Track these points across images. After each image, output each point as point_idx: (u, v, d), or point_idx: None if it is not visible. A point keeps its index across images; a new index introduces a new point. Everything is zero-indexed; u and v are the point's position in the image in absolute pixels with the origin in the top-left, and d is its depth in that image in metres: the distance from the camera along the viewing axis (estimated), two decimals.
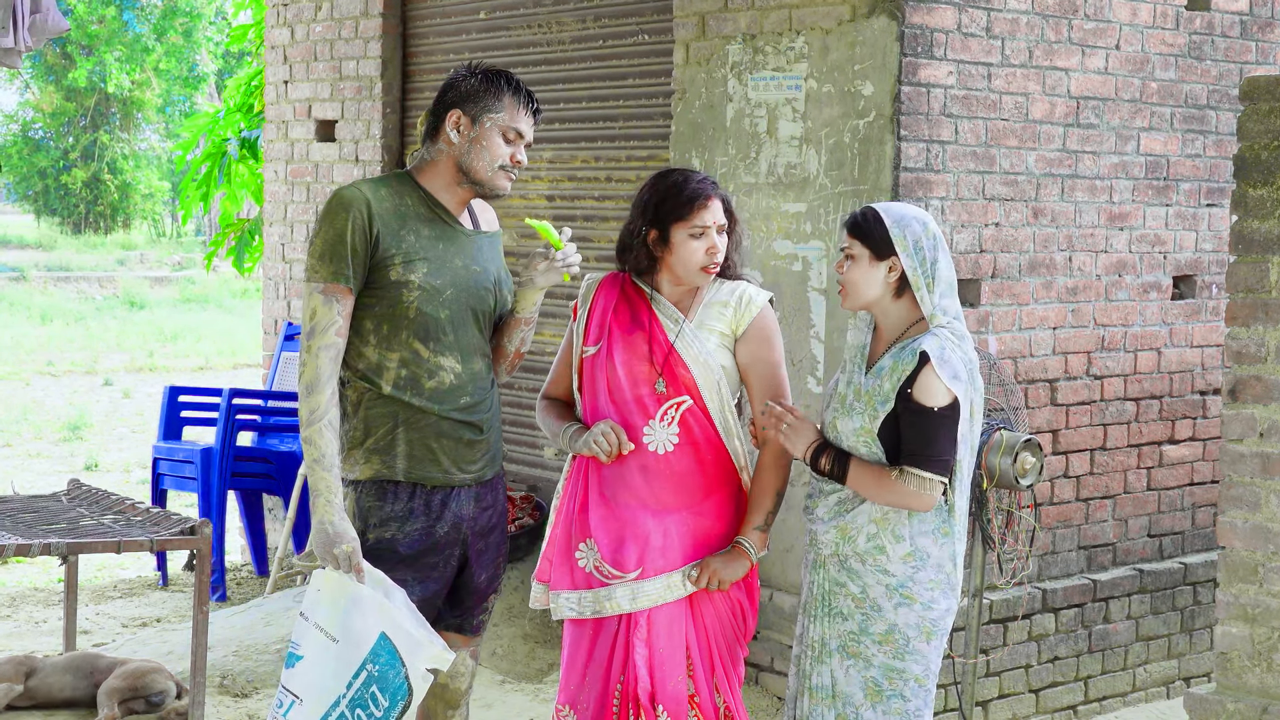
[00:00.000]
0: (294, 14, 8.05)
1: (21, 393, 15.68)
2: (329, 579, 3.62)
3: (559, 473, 6.72)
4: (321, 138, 7.91)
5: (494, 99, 3.73)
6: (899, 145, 5.30)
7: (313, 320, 3.64)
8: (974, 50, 5.47)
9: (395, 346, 3.71)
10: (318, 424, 3.59)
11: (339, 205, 3.67)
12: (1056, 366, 5.83)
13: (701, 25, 5.93)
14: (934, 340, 3.59)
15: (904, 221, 3.66)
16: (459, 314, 3.75)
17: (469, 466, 3.80)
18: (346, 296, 3.65)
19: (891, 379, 3.60)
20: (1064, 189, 5.81)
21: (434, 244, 3.73)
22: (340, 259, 3.63)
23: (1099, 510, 6.04)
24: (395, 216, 3.70)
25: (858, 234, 3.69)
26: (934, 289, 3.64)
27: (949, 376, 3.55)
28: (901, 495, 3.58)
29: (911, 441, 3.56)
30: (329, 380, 3.61)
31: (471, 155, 3.73)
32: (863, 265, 3.68)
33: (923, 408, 3.55)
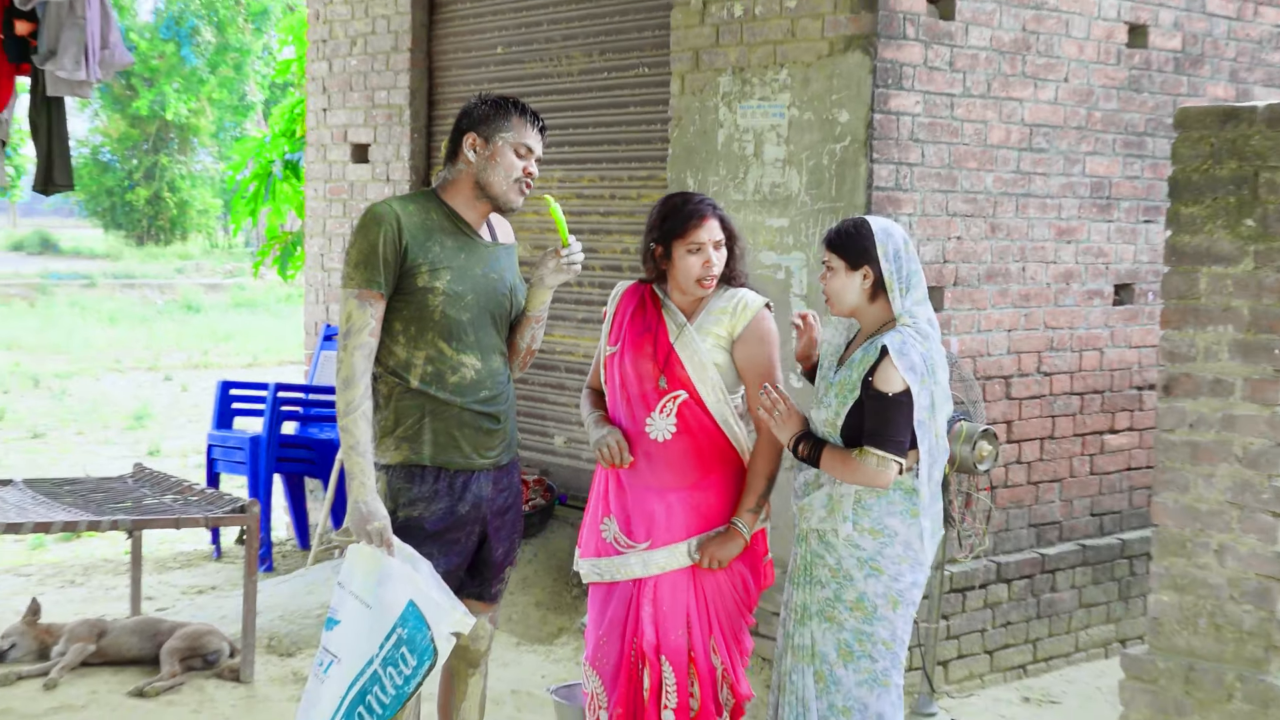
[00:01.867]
0: (332, 49, 8.04)
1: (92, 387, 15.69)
2: (363, 553, 3.62)
3: (568, 459, 6.73)
4: (356, 159, 7.90)
5: (504, 120, 3.75)
6: (871, 167, 5.30)
7: (348, 322, 3.64)
8: (938, 82, 5.46)
9: (422, 345, 3.71)
10: (353, 415, 3.59)
11: (372, 220, 3.68)
12: (1011, 365, 5.83)
13: (695, 59, 5.93)
14: (895, 336, 3.61)
15: (887, 231, 3.70)
16: (479, 316, 3.76)
17: (488, 453, 3.81)
18: (378, 301, 3.65)
19: (859, 370, 3.64)
20: (1018, 206, 5.80)
21: (456, 254, 3.74)
22: (373, 267, 3.64)
23: (1048, 492, 6.03)
24: (422, 230, 3.71)
25: (834, 248, 3.72)
26: (907, 294, 3.67)
27: (905, 368, 3.57)
28: (861, 473, 3.60)
29: (870, 424, 3.60)
30: (363, 376, 3.62)
31: (488, 171, 3.74)
32: (840, 275, 3.70)
33: (880, 393, 3.58)
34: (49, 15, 5.98)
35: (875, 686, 3.70)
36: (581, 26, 6.67)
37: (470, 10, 7.30)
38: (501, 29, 7.10)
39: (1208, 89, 6.43)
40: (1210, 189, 4.26)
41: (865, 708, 3.69)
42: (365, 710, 3.60)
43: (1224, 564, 4.21)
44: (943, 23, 5.45)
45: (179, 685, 5.40)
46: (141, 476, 6.37)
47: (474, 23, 7.27)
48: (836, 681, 3.70)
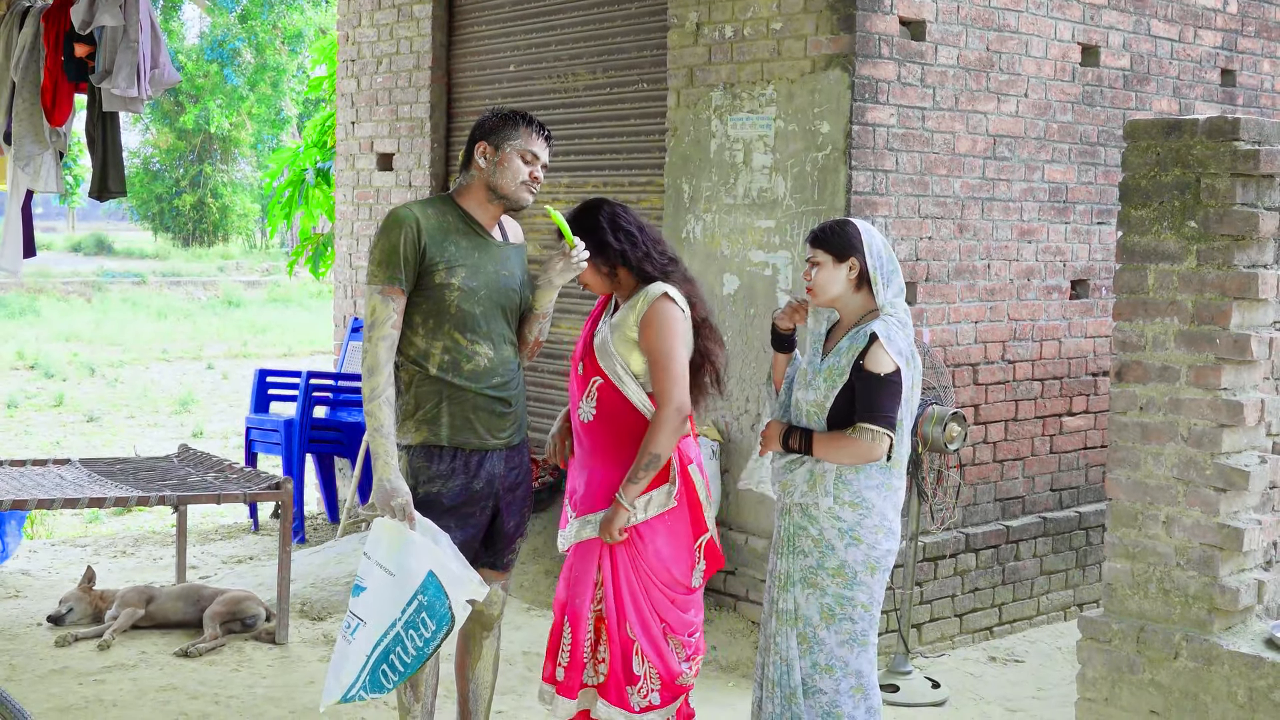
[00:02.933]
0: (360, 68, 8.02)
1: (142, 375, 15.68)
2: (387, 526, 3.61)
3: None
4: (381, 168, 7.88)
5: (511, 129, 3.76)
6: (850, 173, 5.28)
7: (373, 316, 3.64)
8: (911, 97, 5.44)
9: (440, 336, 3.71)
10: (377, 400, 3.59)
11: (394, 222, 3.68)
12: (978, 353, 5.81)
13: (690, 76, 5.91)
14: (882, 324, 3.63)
15: (869, 230, 3.71)
16: (491, 310, 3.75)
17: (500, 434, 3.80)
18: (400, 296, 3.65)
19: (848, 356, 3.63)
20: (984, 209, 5.78)
21: (471, 253, 3.74)
22: (395, 265, 3.64)
23: (1012, 470, 6.02)
24: (439, 231, 3.70)
25: (821, 244, 3.71)
26: (887, 287, 3.68)
27: (894, 352, 3.59)
28: (856, 448, 3.58)
29: (864, 403, 3.58)
30: (386, 364, 3.62)
31: (498, 176, 3.74)
32: (828, 268, 3.69)
33: (872, 374, 3.57)
34: (105, 39, 5.97)
35: (855, 646, 3.70)
36: (586, 46, 6.65)
37: (485, 32, 7.28)
38: (514, 49, 7.08)
39: (1154, 103, 6.41)
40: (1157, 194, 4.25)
41: (845, 664, 3.69)
42: (389, 668, 3.59)
43: (1171, 534, 4.20)
44: (914, 43, 5.43)
45: (220, 646, 5.40)
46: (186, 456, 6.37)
47: (489, 43, 7.25)
48: (819, 642, 3.69)
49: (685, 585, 3.83)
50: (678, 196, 6.00)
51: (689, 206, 5.94)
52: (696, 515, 3.85)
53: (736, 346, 5.74)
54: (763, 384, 4.76)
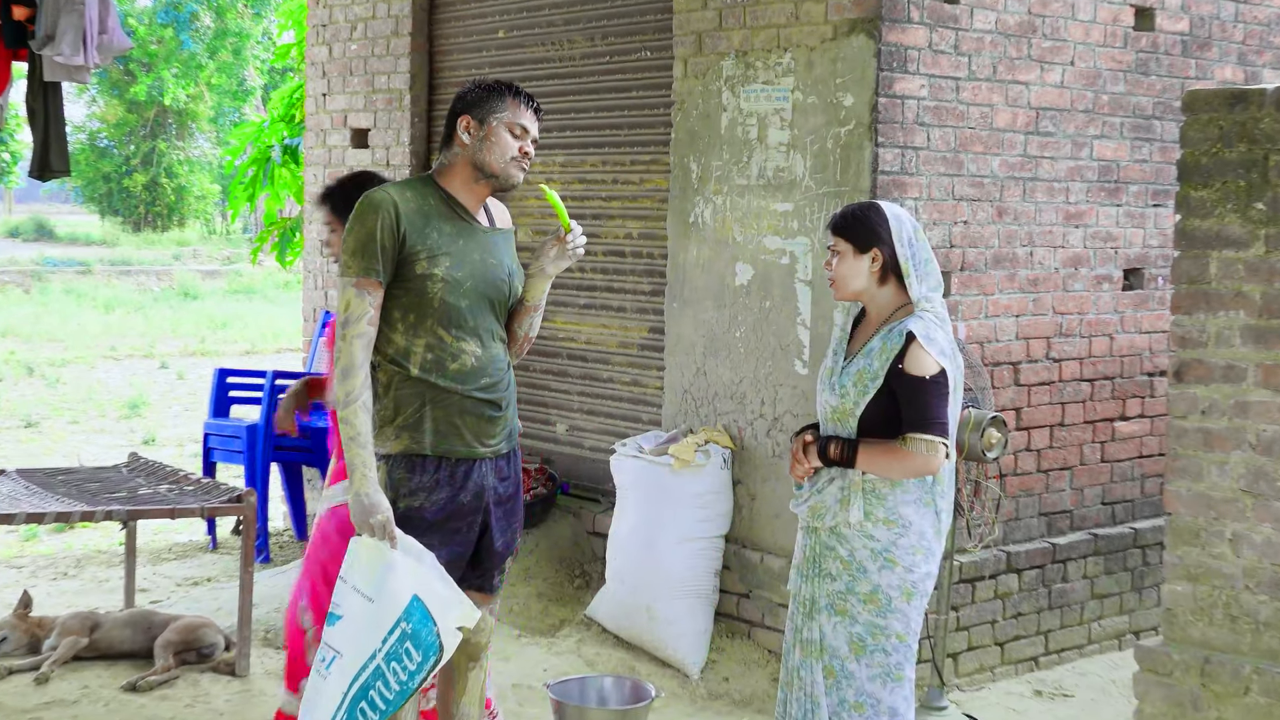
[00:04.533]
0: (331, 34, 8.01)
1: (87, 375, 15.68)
2: (365, 545, 3.60)
3: (571, 447, 6.72)
4: (356, 144, 7.88)
5: (497, 101, 3.75)
6: (876, 151, 5.27)
7: (347, 311, 3.63)
8: (944, 66, 5.43)
9: (421, 333, 3.70)
10: (353, 405, 3.58)
11: (369, 207, 3.66)
12: (1019, 351, 5.80)
13: (699, 43, 5.89)
14: (919, 322, 3.59)
15: (898, 215, 3.69)
16: (478, 303, 3.74)
17: (489, 441, 3.79)
18: (377, 289, 3.64)
19: (881, 358, 3.59)
20: (1025, 190, 5.77)
21: (455, 240, 3.72)
22: (371, 255, 3.63)
23: (1058, 480, 6.01)
24: (420, 216, 3.69)
25: (841, 232, 3.70)
26: (923, 280, 3.65)
27: (936, 352, 3.56)
28: (909, 462, 3.54)
29: (910, 410, 3.55)
30: (362, 365, 3.61)
31: (484, 152, 3.73)
32: (848, 259, 3.68)
33: (915, 378, 3.54)
34: (47, 0, 5.95)
35: (888, 680, 3.66)
36: (583, 10, 6.64)
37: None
38: (503, 13, 7.06)
39: (1216, 72, 6.39)
40: (1219, 172, 4.23)
41: (878, 702, 3.66)
42: (368, 706, 3.57)
43: (1239, 553, 4.18)
44: (947, 6, 5.42)
45: (173, 679, 5.38)
46: (136, 466, 6.35)
47: (475, 6, 7.24)
48: (848, 676, 3.66)
49: None
50: (684, 177, 5.98)
51: (697, 188, 5.93)
52: None
53: (750, 343, 5.73)
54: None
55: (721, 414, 5.87)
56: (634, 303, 6.42)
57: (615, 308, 6.51)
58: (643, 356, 6.39)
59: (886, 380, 3.57)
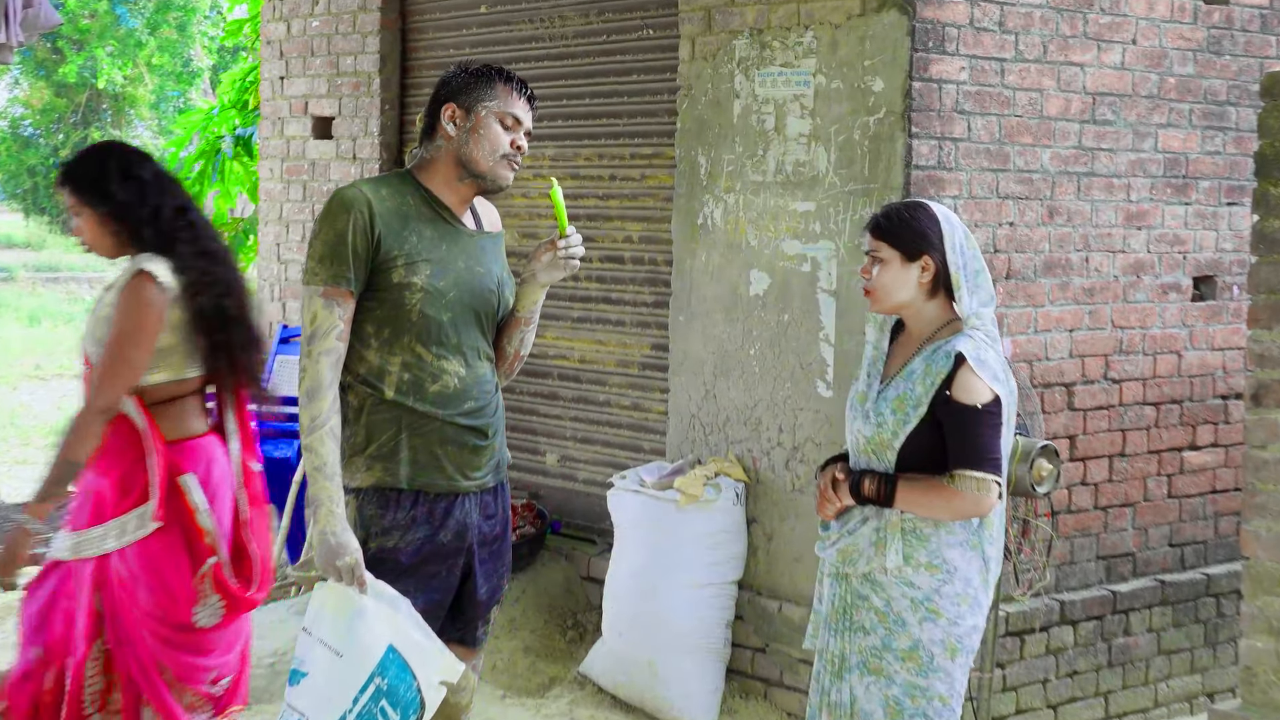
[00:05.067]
0: (290, 8, 8.05)
1: (8, 397, 15.68)
2: (331, 591, 3.60)
3: (562, 480, 6.74)
4: (318, 135, 7.91)
5: (486, 87, 3.76)
6: (910, 142, 5.30)
7: (313, 325, 3.64)
8: (987, 45, 5.46)
9: (397, 350, 3.71)
10: (319, 431, 3.59)
11: (339, 205, 3.68)
12: (1073, 370, 5.82)
13: (707, 20, 5.93)
14: (968, 341, 3.58)
15: (948, 219, 3.66)
16: (462, 316, 3.76)
17: (474, 473, 3.80)
18: (347, 300, 3.65)
19: (924, 382, 3.57)
20: (1080, 187, 5.80)
21: (437, 245, 3.74)
22: (341, 261, 3.64)
23: (1118, 519, 6.02)
24: (397, 217, 3.70)
25: (885, 236, 3.66)
26: (974, 294, 3.63)
27: (990, 376, 3.54)
28: (958, 503, 3.53)
29: (959, 444, 3.53)
30: (330, 386, 3.62)
31: (470, 146, 3.74)
32: (893, 268, 3.65)
33: (965, 407, 3.52)
34: None
35: None
36: None
37: None
38: None
39: None
40: None
41: None
42: None
43: None
44: None
45: None
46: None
47: None
48: None
49: (186, 624, 3.92)
50: (692, 172, 6.02)
51: (706, 185, 5.97)
52: (195, 539, 3.92)
53: (767, 361, 5.76)
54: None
55: (734, 442, 5.90)
56: (634, 315, 6.45)
57: (613, 321, 6.54)
58: (644, 377, 6.42)
59: (931, 407, 3.55)
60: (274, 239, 8.24)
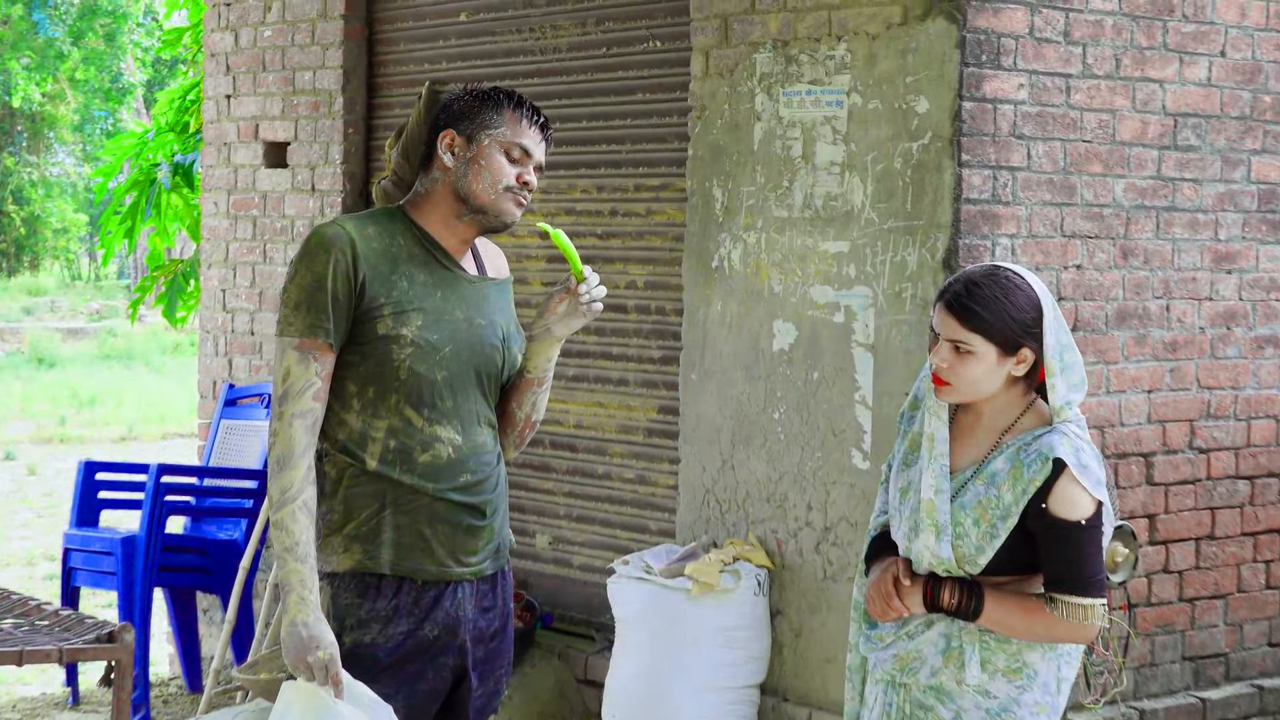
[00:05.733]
0: (238, 15, 8.10)
1: None
2: (300, 693, 3.59)
3: (554, 565, 6.75)
4: (271, 163, 7.95)
5: (491, 113, 3.79)
6: (960, 172, 5.36)
7: (285, 382, 3.64)
8: (1050, 59, 5.53)
9: (383, 413, 3.72)
10: (290, 505, 3.58)
11: (318, 245, 3.68)
12: (1153, 438, 5.85)
13: (724, 29, 6.00)
14: (1065, 441, 3.51)
15: (1044, 295, 3.56)
16: (459, 375, 3.76)
17: (469, 558, 3.79)
18: (326, 354, 3.66)
19: (1014, 489, 3.52)
20: (1159, 224, 5.85)
21: (431, 292, 3.75)
22: (319, 309, 3.65)
23: (1207, 613, 6.03)
24: (385, 259, 3.72)
25: (980, 328, 3.54)
26: (1066, 377, 3.56)
27: (1091, 483, 3.50)
28: (1057, 629, 3.52)
29: (1059, 565, 3.51)
30: (304, 453, 3.62)
31: (470, 178, 3.77)
32: (987, 362, 3.54)
33: (1067, 523, 3.48)
34: None
35: None
36: None
37: None
38: None
39: None
40: None
41: None
42: None
43: None
44: None
45: None
46: None
47: None
48: None
49: None
50: (706, 207, 6.08)
51: (722, 222, 6.02)
52: None
53: (793, 427, 5.79)
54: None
55: (755, 522, 5.92)
56: (639, 373, 6.49)
57: (614, 380, 6.58)
58: (650, 445, 6.45)
59: (1022, 518, 3.51)
60: (219, 284, 8.27)
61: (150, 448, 16.52)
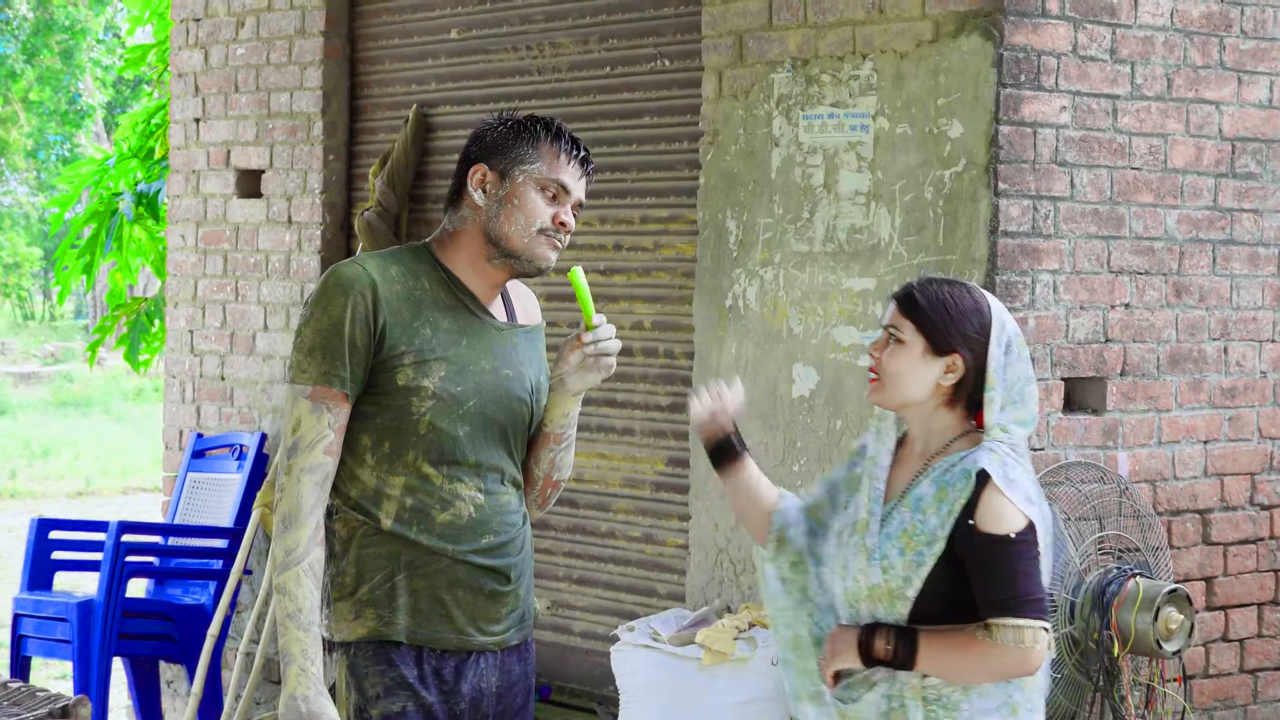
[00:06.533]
0: (208, 31, 8.12)
1: None
2: None
3: (553, 633, 6.73)
4: (243, 192, 7.95)
5: (527, 147, 3.78)
6: (997, 202, 5.36)
7: (295, 434, 3.65)
8: (1095, 79, 5.54)
9: (400, 469, 3.72)
10: (294, 569, 3.58)
11: (336, 286, 3.69)
12: (1210, 493, 5.84)
13: (739, 47, 6.01)
14: (990, 455, 3.57)
15: (1000, 316, 3.66)
16: (483, 430, 3.76)
17: (492, 626, 3.80)
18: (340, 404, 3.67)
19: (938, 511, 3.57)
20: (1216, 258, 5.85)
21: (455, 340, 3.75)
22: (335, 356, 3.66)
23: (1272, 686, 6.01)
24: (408, 303, 3.72)
25: (912, 314, 3.67)
26: (1010, 407, 3.64)
27: (1020, 498, 3.54)
28: (998, 660, 3.54)
29: (991, 585, 3.53)
30: (312, 512, 3.62)
31: (502, 219, 3.76)
32: (913, 354, 3.65)
33: (994, 538, 3.52)
34: None
35: None
36: (574, 1, 6.79)
37: None
38: (457, 3, 7.18)
39: None
40: None
41: None
42: None
43: None
44: None
45: None
46: None
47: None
48: None
49: None
50: (719, 241, 6.08)
51: (737, 257, 6.03)
52: None
53: (814, 478, 5.76)
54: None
55: None
56: (646, 422, 6.49)
57: (619, 430, 6.58)
58: (658, 500, 6.44)
59: (949, 541, 3.57)
60: (186, 324, 8.27)
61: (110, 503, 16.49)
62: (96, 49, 35.56)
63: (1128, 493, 5.29)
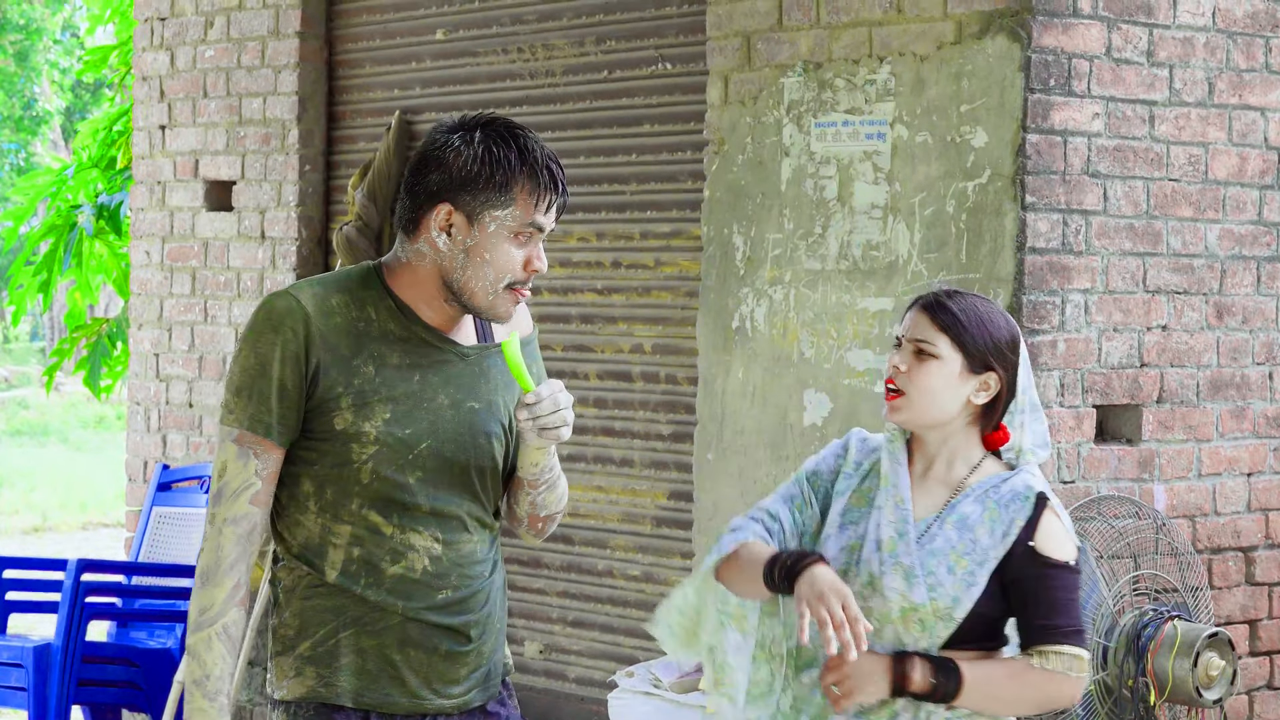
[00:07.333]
0: (174, 32, 8.12)
1: None
2: None
3: (546, 678, 6.73)
4: (213, 205, 7.95)
5: (500, 190, 3.55)
6: (1024, 216, 5.37)
7: (221, 479, 3.57)
8: (1130, 83, 5.55)
9: (344, 518, 3.60)
10: (206, 630, 3.52)
11: (265, 322, 3.55)
12: (1254, 529, 5.84)
13: (746, 50, 6.02)
14: (1035, 479, 3.65)
15: (1015, 329, 3.71)
16: (439, 474, 3.63)
17: (449, 689, 3.69)
18: (269, 451, 3.57)
19: (991, 531, 3.60)
20: (1260, 277, 5.85)
21: (405, 376, 3.61)
22: (262, 400, 3.55)
23: None
24: (348, 337, 3.59)
25: (950, 328, 3.66)
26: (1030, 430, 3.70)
27: (1070, 526, 3.63)
28: (1049, 689, 3.57)
29: (1048, 611, 3.57)
30: (233, 568, 3.54)
31: (468, 272, 3.58)
32: (946, 372, 3.64)
33: (1055, 563, 3.58)
34: None
35: None
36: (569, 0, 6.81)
37: None
38: (443, 2, 7.19)
39: None
40: None
41: None
42: None
43: None
44: None
45: None
46: None
47: None
48: None
49: None
50: (725, 257, 6.09)
51: (744, 275, 6.04)
52: None
53: None
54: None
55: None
56: (646, 452, 6.49)
57: (616, 461, 6.58)
58: (659, 536, 6.44)
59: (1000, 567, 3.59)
60: (151, 347, 8.26)
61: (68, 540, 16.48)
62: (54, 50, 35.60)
63: (1165, 528, 5.28)
